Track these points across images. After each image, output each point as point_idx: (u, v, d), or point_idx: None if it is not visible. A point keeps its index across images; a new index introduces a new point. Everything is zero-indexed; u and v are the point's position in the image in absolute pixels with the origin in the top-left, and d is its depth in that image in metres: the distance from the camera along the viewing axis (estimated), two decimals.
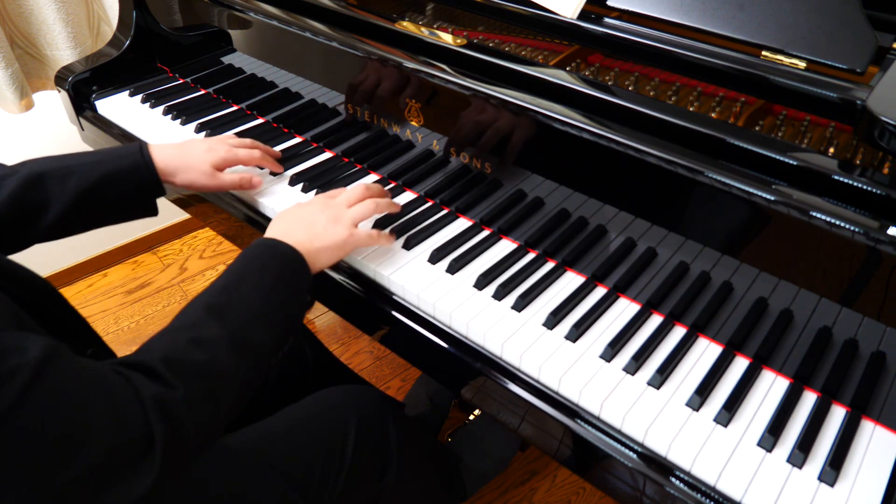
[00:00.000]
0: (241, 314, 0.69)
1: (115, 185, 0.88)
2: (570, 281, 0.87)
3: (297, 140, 1.17)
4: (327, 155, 1.13)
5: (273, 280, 0.73)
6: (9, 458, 0.49)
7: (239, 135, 1.14)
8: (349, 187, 0.91)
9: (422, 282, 0.86)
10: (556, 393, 0.75)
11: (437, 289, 0.85)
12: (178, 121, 1.22)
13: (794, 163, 0.68)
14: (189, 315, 0.68)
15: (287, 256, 0.77)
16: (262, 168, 1.06)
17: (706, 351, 0.78)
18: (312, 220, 0.83)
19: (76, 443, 0.52)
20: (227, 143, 1.00)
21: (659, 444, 0.69)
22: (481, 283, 0.86)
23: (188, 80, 1.36)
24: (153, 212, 0.95)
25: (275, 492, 0.82)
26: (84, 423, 0.53)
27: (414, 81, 0.93)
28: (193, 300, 0.70)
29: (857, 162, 0.71)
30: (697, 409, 0.71)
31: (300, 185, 1.04)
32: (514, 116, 0.84)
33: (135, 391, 0.57)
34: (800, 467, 0.66)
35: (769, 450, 0.68)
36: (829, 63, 0.73)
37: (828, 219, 0.64)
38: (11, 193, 0.83)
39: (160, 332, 0.67)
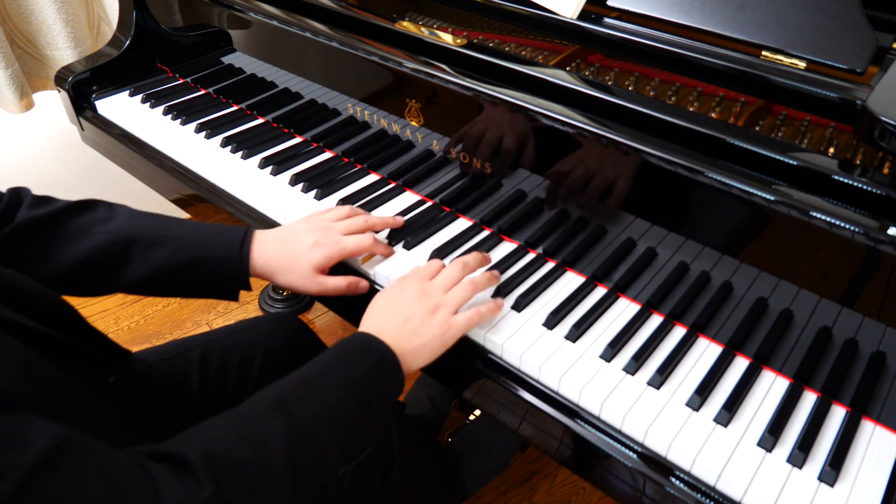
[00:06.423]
0: (309, 411, 0.63)
1: (201, 271, 0.83)
2: (570, 281, 0.87)
3: (297, 140, 1.17)
4: (327, 155, 1.13)
5: (356, 379, 0.67)
6: None
7: (350, 199, 1.01)
8: (447, 269, 0.81)
9: None
10: (556, 393, 0.75)
11: None
12: (178, 121, 1.22)
13: (794, 163, 0.68)
14: (255, 403, 0.63)
15: (379, 356, 0.70)
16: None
17: (706, 351, 0.78)
18: (409, 313, 0.75)
19: None
20: (336, 230, 0.86)
21: (659, 444, 0.69)
22: None
23: (188, 80, 1.36)
24: (234, 298, 0.86)
25: None
26: None
27: (414, 81, 0.93)
28: (270, 385, 0.65)
29: (857, 162, 0.71)
30: (697, 409, 0.71)
31: (300, 186, 1.04)
32: (515, 116, 0.84)
33: (154, 492, 0.50)
34: (800, 467, 0.66)
35: (769, 450, 0.68)
36: (829, 63, 0.73)
37: (828, 219, 0.64)
38: (92, 250, 0.79)
39: (218, 417, 0.61)
